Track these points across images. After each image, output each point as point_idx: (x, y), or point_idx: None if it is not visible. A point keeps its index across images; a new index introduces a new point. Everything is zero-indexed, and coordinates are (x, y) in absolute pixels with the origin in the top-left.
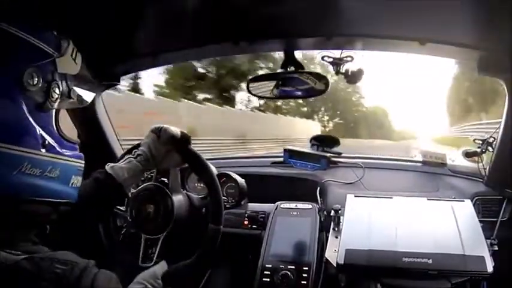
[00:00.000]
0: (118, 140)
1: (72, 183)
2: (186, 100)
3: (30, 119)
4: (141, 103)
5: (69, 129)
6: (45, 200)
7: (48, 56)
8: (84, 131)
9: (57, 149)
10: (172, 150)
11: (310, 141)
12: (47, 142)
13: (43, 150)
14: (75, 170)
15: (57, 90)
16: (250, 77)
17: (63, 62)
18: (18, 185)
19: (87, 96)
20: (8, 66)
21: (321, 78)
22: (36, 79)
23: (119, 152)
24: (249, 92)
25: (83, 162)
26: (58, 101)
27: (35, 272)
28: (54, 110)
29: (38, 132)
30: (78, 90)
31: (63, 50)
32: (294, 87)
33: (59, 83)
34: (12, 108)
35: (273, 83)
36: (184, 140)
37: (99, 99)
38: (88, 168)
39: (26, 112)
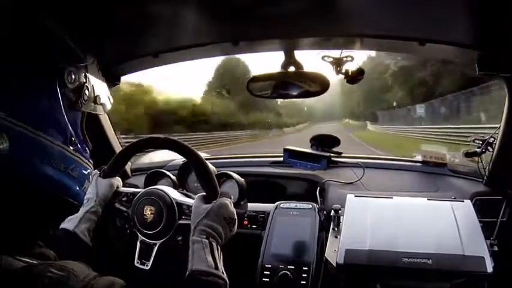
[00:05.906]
0: (119, 140)
1: (84, 188)
2: None
3: (64, 114)
4: None
5: None
6: (65, 199)
7: (82, 61)
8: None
9: (80, 149)
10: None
11: (310, 141)
12: (73, 140)
13: (70, 147)
14: (88, 174)
15: (87, 92)
16: (250, 77)
17: (92, 69)
18: (45, 177)
19: (108, 104)
20: (52, 63)
21: (319, 78)
22: (74, 77)
23: None
24: (249, 91)
25: (92, 167)
26: (87, 102)
27: (29, 276)
28: (81, 112)
29: (68, 129)
30: (103, 97)
31: (91, 59)
32: (291, 88)
33: (89, 86)
34: (52, 102)
35: (272, 83)
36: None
37: None
38: None
39: (62, 107)
